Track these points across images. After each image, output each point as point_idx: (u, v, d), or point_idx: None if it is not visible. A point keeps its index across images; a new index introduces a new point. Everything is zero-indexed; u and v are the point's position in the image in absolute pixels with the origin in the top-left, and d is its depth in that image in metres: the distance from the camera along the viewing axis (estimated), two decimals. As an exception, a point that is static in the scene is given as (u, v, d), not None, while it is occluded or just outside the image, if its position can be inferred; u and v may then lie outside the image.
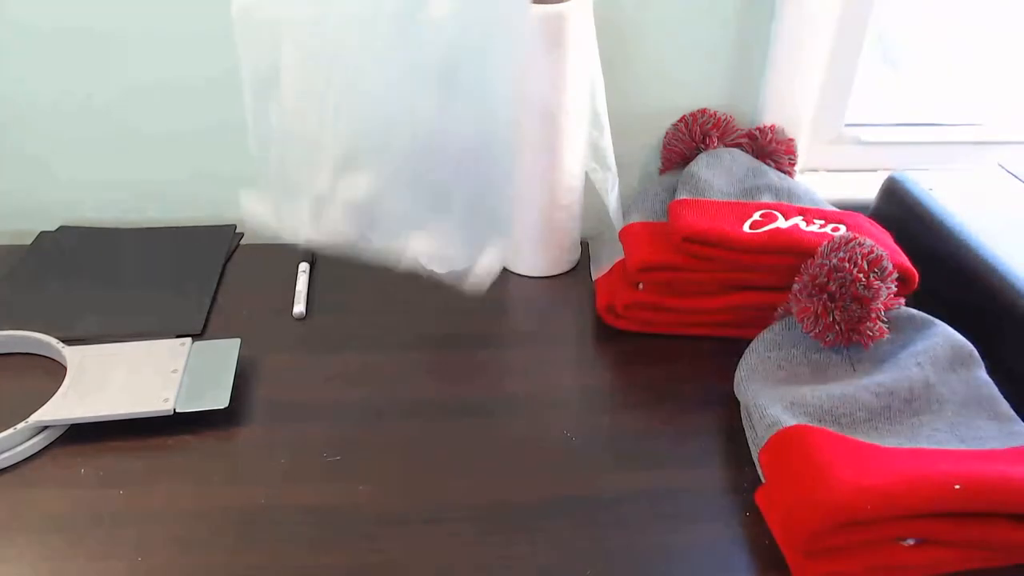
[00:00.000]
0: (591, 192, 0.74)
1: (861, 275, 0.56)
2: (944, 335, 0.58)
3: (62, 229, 0.81)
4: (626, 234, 0.70)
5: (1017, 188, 0.75)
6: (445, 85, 0.48)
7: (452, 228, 0.52)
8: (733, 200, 0.70)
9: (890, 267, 0.58)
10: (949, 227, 0.68)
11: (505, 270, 0.77)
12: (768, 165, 0.77)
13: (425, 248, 0.52)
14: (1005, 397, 0.54)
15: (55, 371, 0.61)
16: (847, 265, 0.57)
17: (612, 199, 0.74)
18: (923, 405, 0.54)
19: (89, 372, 0.59)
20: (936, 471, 0.46)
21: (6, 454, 0.54)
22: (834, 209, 0.70)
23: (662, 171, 0.81)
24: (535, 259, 0.76)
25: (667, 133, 0.80)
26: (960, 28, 0.91)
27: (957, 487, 0.45)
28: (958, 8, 0.89)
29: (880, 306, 0.57)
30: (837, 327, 0.57)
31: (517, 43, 0.49)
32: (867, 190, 0.80)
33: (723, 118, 0.78)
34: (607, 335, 0.68)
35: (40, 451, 0.55)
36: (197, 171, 0.81)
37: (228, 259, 0.77)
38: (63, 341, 0.63)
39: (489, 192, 0.51)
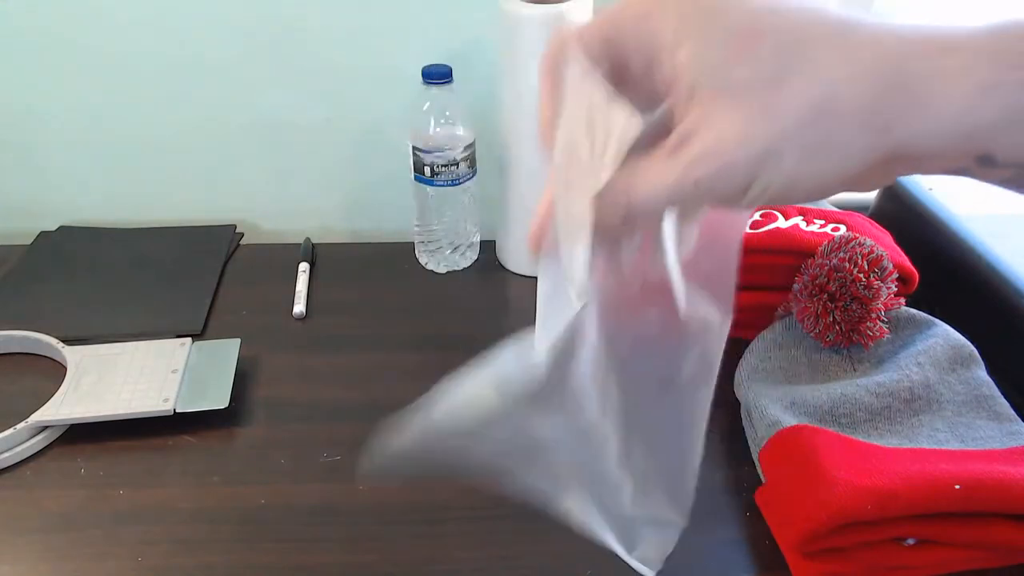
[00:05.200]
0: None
1: (861, 275, 0.56)
2: (944, 335, 0.58)
3: (62, 229, 0.81)
4: None
5: (1017, 188, 0.75)
6: None
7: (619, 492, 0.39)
8: (733, 200, 0.69)
9: (890, 267, 0.58)
10: (949, 227, 0.68)
11: (504, 269, 0.77)
12: (768, 165, 0.77)
13: (579, 508, 0.40)
14: (1005, 397, 0.54)
15: (55, 371, 0.61)
16: (847, 265, 0.57)
17: None
18: (923, 405, 0.54)
19: (89, 372, 0.59)
20: (936, 471, 0.46)
21: (6, 454, 0.54)
22: (834, 209, 0.69)
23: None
24: (535, 258, 0.76)
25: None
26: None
27: (957, 487, 0.45)
28: (958, 7, 0.89)
29: (880, 306, 0.57)
30: (837, 327, 0.57)
31: None
32: (867, 190, 0.79)
33: (723, 118, 0.78)
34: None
35: (40, 451, 0.55)
36: (197, 171, 0.81)
37: (228, 259, 0.77)
38: (63, 341, 0.63)
39: (671, 456, 0.38)
